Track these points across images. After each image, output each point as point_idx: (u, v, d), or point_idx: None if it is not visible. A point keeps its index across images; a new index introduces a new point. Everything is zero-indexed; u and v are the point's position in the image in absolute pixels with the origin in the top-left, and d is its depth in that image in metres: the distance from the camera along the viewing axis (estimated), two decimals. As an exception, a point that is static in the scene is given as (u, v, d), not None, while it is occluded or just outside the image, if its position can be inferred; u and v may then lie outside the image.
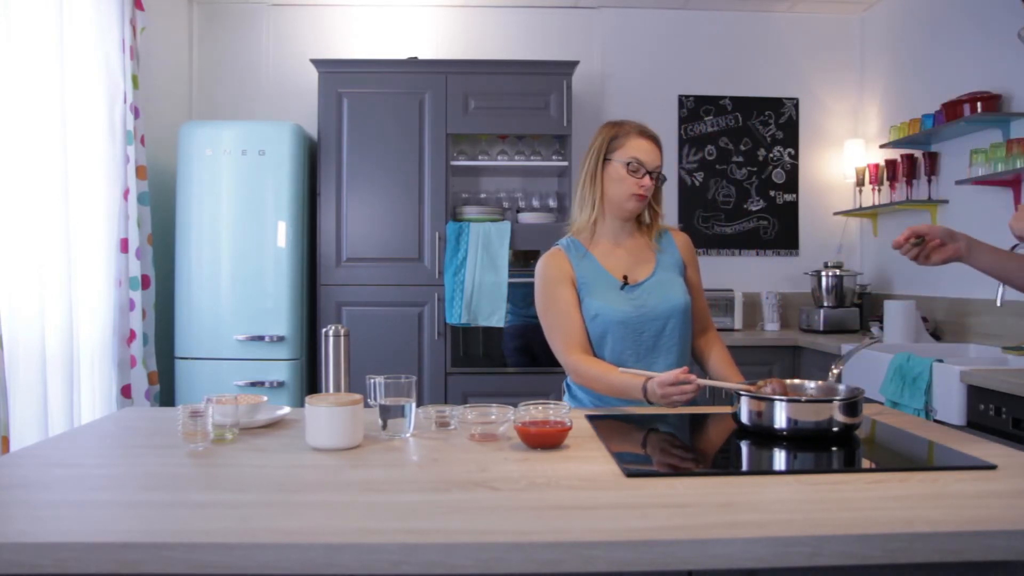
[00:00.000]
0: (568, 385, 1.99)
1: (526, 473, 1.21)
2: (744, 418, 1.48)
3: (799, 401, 1.45)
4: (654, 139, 1.88)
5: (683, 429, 1.62)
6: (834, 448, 1.40)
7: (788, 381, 1.65)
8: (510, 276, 3.61)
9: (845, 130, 4.38)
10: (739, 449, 1.44)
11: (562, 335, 1.87)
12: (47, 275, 2.61)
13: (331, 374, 1.63)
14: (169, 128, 3.74)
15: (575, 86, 3.91)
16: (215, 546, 0.90)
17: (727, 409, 1.68)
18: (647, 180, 1.85)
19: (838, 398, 1.44)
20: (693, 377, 1.60)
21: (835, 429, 1.42)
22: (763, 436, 1.45)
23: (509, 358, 3.68)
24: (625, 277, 1.89)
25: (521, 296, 3.66)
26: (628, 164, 1.83)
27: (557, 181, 4.12)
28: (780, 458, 1.37)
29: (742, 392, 1.49)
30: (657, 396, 1.63)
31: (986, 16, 3.32)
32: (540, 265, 1.93)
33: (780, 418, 1.42)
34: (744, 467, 1.36)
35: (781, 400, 1.43)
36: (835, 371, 1.67)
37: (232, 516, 1.01)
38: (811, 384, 1.62)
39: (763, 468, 1.34)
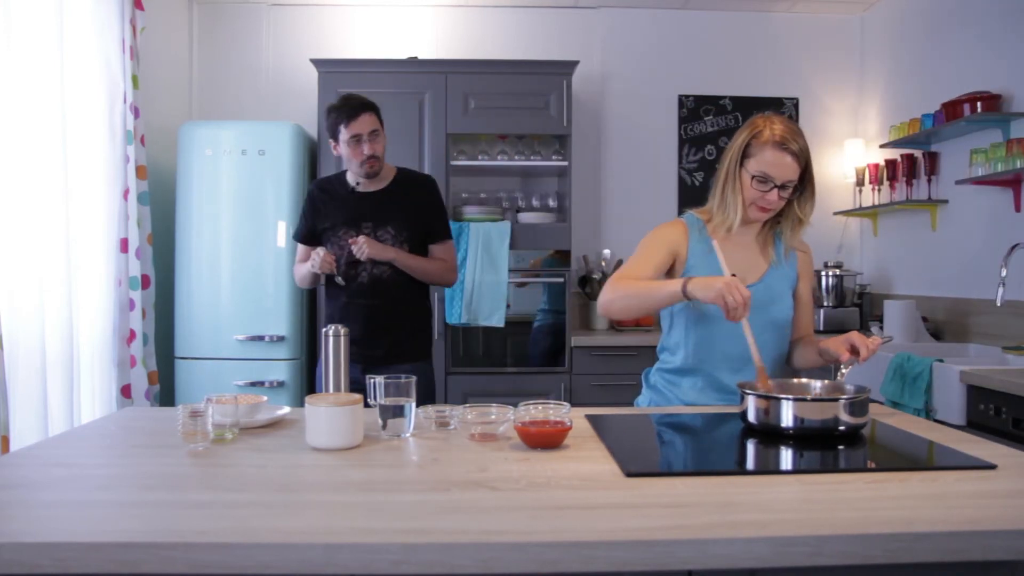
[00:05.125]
0: (646, 377, 1.97)
1: (526, 473, 1.21)
2: (751, 416, 1.48)
3: (804, 400, 1.45)
4: (792, 151, 1.73)
5: (685, 428, 1.62)
6: (838, 447, 1.39)
7: (795, 380, 1.65)
8: (517, 276, 3.62)
9: (845, 130, 4.38)
10: (739, 448, 1.44)
11: (625, 270, 1.83)
12: (47, 275, 2.61)
13: (331, 374, 1.63)
14: (169, 128, 3.74)
15: (575, 86, 3.91)
16: (215, 546, 0.90)
17: (732, 409, 1.69)
18: (773, 195, 1.75)
19: (844, 397, 1.44)
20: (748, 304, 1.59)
21: (841, 428, 1.42)
22: (768, 435, 1.45)
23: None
24: (734, 275, 1.79)
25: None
26: (755, 177, 1.75)
27: (557, 181, 4.11)
28: (780, 457, 1.36)
29: (747, 391, 1.49)
30: (720, 283, 1.59)
31: (986, 16, 3.32)
32: (659, 227, 1.89)
33: (786, 417, 1.42)
34: (744, 466, 1.36)
35: (787, 399, 1.43)
36: (844, 371, 1.67)
37: (232, 516, 1.01)
38: (816, 383, 1.62)
39: (763, 467, 1.34)
